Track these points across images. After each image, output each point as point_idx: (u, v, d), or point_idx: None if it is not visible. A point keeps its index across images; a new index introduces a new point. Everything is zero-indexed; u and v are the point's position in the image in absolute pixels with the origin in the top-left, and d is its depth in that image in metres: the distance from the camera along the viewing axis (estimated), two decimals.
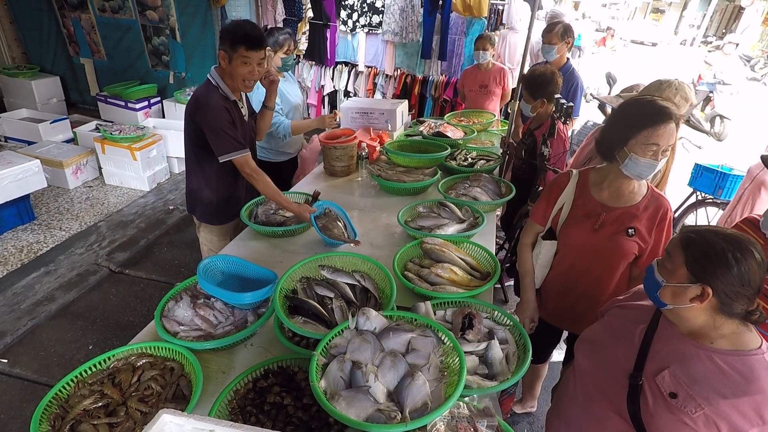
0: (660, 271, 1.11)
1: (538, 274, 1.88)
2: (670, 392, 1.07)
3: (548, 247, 1.81)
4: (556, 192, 1.76)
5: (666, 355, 1.12)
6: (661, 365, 1.11)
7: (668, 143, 1.41)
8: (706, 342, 1.08)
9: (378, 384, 1.16)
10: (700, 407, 1.02)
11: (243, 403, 1.24)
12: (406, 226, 2.17)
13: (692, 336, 1.10)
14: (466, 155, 3.05)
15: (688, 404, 1.04)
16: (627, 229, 1.58)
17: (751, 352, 1.03)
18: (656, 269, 1.12)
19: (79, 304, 3.08)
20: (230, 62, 1.98)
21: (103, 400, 1.23)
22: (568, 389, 1.39)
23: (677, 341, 1.12)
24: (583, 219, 1.67)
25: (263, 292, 1.50)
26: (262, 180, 2.12)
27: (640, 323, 1.22)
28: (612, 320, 1.33)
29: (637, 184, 1.59)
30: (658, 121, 1.39)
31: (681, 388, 1.06)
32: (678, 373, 1.08)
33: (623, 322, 1.28)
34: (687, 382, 1.06)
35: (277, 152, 3.00)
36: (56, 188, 4.44)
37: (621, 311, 1.33)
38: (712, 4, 20.51)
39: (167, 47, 5.49)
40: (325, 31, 5.69)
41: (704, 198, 3.83)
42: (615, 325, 1.30)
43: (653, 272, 1.12)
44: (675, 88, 1.95)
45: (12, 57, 6.07)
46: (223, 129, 1.99)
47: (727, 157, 4.87)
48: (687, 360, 1.08)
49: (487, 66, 3.96)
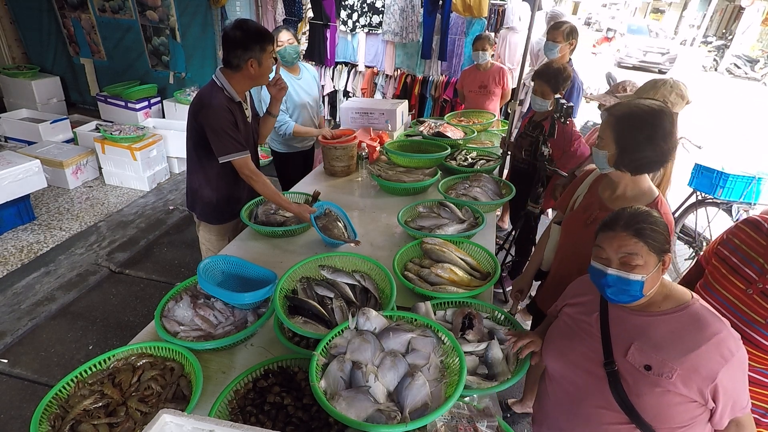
0: (634, 272, 1.12)
1: (546, 257, 1.96)
2: (644, 365, 1.11)
3: (556, 231, 1.88)
4: (577, 183, 1.83)
5: (626, 333, 1.18)
6: (626, 343, 1.16)
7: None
8: (654, 309, 1.16)
9: (378, 384, 1.16)
10: (674, 369, 1.07)
11: (243, 403, 1.24)
12: (406, 226, 2.17)
13: (641, 308, 1.18)
14: (466, 155, 3.05)
15: (663, 370, 1.09)
16: None
17: (689, 303, 1.14)
18: (628, 275, 1.13)
19: (79, 304, 3.08)
20: (261, 65, 2.00)
21: (103, 400, 1.24)
22: (549, 395, 1.38)
23: (630, 317, 1.19)
24: (580, 212, 1.69)
25: (263, 293, 1.50)
26: (261, 181, 2.13)
27: (591, 314, 1.27)
28: (567, 320, 1.36)
29: (645, 192, 1.51)
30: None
31: (651, 357, 1.11)
32: (642, 345, 1.13)
33: (577, 318, 1.32)
34: (654, 351, 1.11)
35: (285, 144, 3.13)
36: (56, 188, 4.43)
37: (571, 309, 1.36)
38: (712, 4, 20.50)
39: (167, 47, 5.49)
40: (325, 31, 5.68)
41: (704, 198, 3.83)
42: (571, 324, 1.33)
43: (626, 279, 1.13)
44: (670, 86, 1.95)
45: (12, 57, 6.07)
46: (224, 130, 1.99)
47: (726, 158, 4.87)
48: (645, 330, 1.15)
49: (486, 66, 3.96)
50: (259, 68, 2.01)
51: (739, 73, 15.79)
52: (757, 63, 15.75)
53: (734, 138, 8.33)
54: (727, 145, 7.84)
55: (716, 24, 22.04)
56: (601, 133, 1.48)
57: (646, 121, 1.37)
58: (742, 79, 15.56)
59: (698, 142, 3.14)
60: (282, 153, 3.23)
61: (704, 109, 9.96)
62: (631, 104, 1.43)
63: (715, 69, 16.87)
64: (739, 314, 1.39)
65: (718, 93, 12.81)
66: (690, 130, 8.90)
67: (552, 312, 1.51)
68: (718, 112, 10.24)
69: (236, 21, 1.99)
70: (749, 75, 15.58)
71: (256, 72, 2.01)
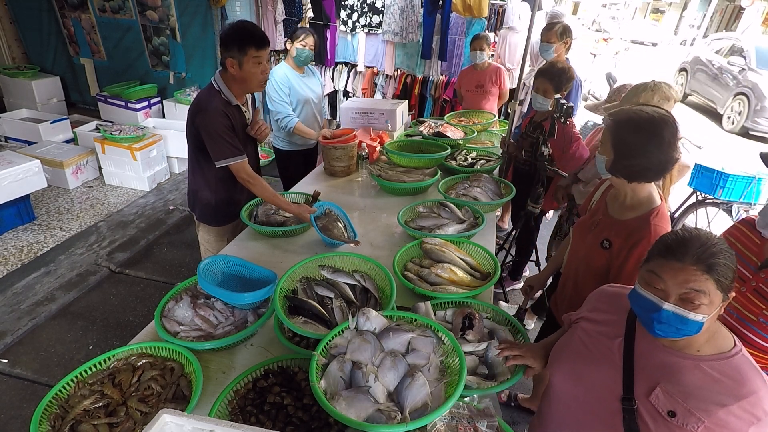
0: (696, 311, 0.97)
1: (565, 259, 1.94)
2: (668, 411, 1.01)
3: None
4: (597, 187, 1.86)
5: (653, 370, 1.05)
6: (652, 383, 1.04)
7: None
8: (691, 351, 1.03)
9: (378, 384, 1.16)
10: (701, 421, 0.97)
11: (243, 403, 1.24)
12: (406, 226, 2.17)
13: (676, 347, 1.04)
14: (466, 155, 3.05)
15: (689, 420, 0.98)
16: (603, 240, 1.53)
17: (732, 353, 1.01)
18: (692, 314, 0.97)
19: (79, 304, 3.08)
20: (241, 67, 1.96)
21: (103, 400, 1.24)
22: (553, 416, 1.31)
23: (661, 354, 1.05)
24: (589, 216, 1.72)
25: (263, 293, 1.50)
26: (258, 184, 2.13)
27: (615, 338, 1.14)
28: (583, 337, 1.23)
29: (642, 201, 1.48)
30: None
31: (678, 404, 1.00)
32: (670, 389, 1.01)
33: (597, 339, 1.19)
34: (682, 398, 1.00)
35: (287, 141, 3.18)
36: (56, 188, 4.44)
37: (590, 325, 1.24)
38: (712, 5, 20.49)
39: (167, 47, 5.49)
40: (325, 31, 5.68)
41: (704, 198, 3.83)
42: (588, 343, 1.21)
43: (687, 318, 0.97)
44: (651, 90, 1.93)
45: (12, 57, 6.07)
46: (220, 134, 1.99)
47: (726, 158, 4.87)
48: (676, 373, 1.02)
49: (484, 66, 3.97)
50: (239, 70, 1.96)
51: None
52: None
53: (734, 138, 8.33)
54: (727, 145, 7.84)
55: (716, 24, 22.02)
56: (602, 138, 1.48)
57: (642, 128, 1.34)
58: None
59: (698, 142, 3.14)
60: (284, 151, 3.25)
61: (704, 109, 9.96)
62: (632, 110, 1.40)
63: None
64: (734, 313, 1.40)
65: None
66: (690, 131, 8.89)
67: (566, 322, 1.42)
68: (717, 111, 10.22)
69: (234, 22, 1.99)
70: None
71: (237, 74, 1.98)
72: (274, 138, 3.22)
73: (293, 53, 2.96)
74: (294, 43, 2.94)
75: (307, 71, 3.13)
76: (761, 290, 1.35)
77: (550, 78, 2.60)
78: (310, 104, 3.12)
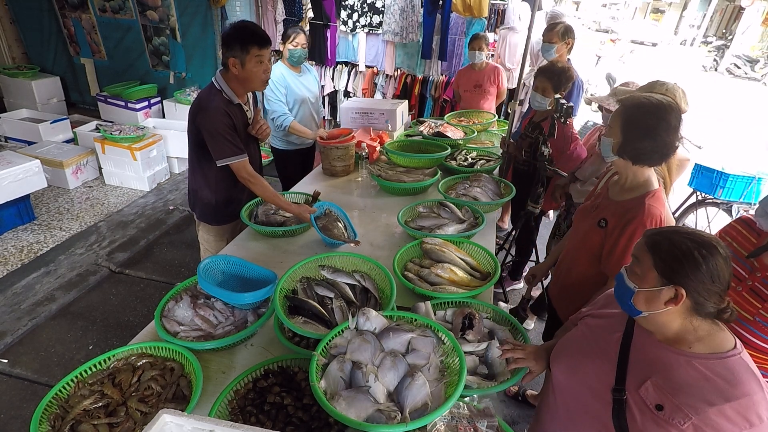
0: (630, 278, 1.08)
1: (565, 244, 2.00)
2: (656, 404, 1.02)
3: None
4: (603, 175, 1.90)
5: (646, 364, 1.08)
6: (643, 376, 1.06)
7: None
8: (684, 347, 1.04)
9: (378, 384, 1.16)
10: (688, 417, 0.98)
11: (243, 403, 1.24)
12: (406, 226, 2.17)
13: (669, 342, 1.07)
14: (466, 155, 3.05)
15: (676, 416, 1.00)
16: (600, 220, 1.61)
17: (728, 354, 1.00)
18: (626, 276, 1.09)
19: (79, 304, 3.08)
20: (243, 66, 1.96)
21: (103, 400, 1.24)
22: (549, 406, 1.35)
23: (655, 349, 1.08)
24: (591, 202, 1.77)
25: (263, 293, 1.50)
26: (259, 184, 2.13)
27: (614, 332, 1.17)
28: (585, 331, 1.28)
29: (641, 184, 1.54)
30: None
31: (666, 399, 1.01)
32: (661, 383, 1.03)
33: (597, 333, 1.23)
34: (671, 392, 1.01)
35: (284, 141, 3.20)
36: (56, 188, 4.44)
37: (593, 321, 1.28)
38: (712, 5, 20.50)
39: (167, 47, 5.49)
40: (326, 31, 5.69)
41: (704, 198, 3.83)
42: (589, 337, 1.24)
43: (624, 279, 1.09)
44: (665, 89, 1.96)
45: (12, 57, 6.07)
46: (221, 133, 1.99)
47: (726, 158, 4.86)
48: (668, 368, 1.04)
49: (482, 66, 3.97)
50: (242, 70, 1.97)
51: (739, 73, 15.80)
52: (757, 63, 15.75)
53: (734, 138, 8.33)
54: (727, 145, 7.84)
55: (716, 24, 22.03)
56: (610, 122, 1.54)
57: (651, 112, 1.42)
58: (742, 79, 15.56)
59: (698, 142, 3.14)
60: (281, 150, 3.26)
61: (704, 109, 9.95)
62: (641, 96, 1.48)
63: (715, 69, 16.87)
64: None
65: (718, 93, 12.81)
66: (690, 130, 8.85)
67: (573, 320, 1.43)
68: (718, 112, 10.23)
69: (236, 22, 2.00)
70: (749, 75, 15.59)
71: (239, 73, 1.99)
72: (272, 138, 3.22)
73: (286, 54, 2.98)
74: (286, 44, 2.96)
75: (303, 69, 3.14)
76: (757, 289, 1.35)
77: (550, 77, 2.60)
78: (307, 104, 3.13)
